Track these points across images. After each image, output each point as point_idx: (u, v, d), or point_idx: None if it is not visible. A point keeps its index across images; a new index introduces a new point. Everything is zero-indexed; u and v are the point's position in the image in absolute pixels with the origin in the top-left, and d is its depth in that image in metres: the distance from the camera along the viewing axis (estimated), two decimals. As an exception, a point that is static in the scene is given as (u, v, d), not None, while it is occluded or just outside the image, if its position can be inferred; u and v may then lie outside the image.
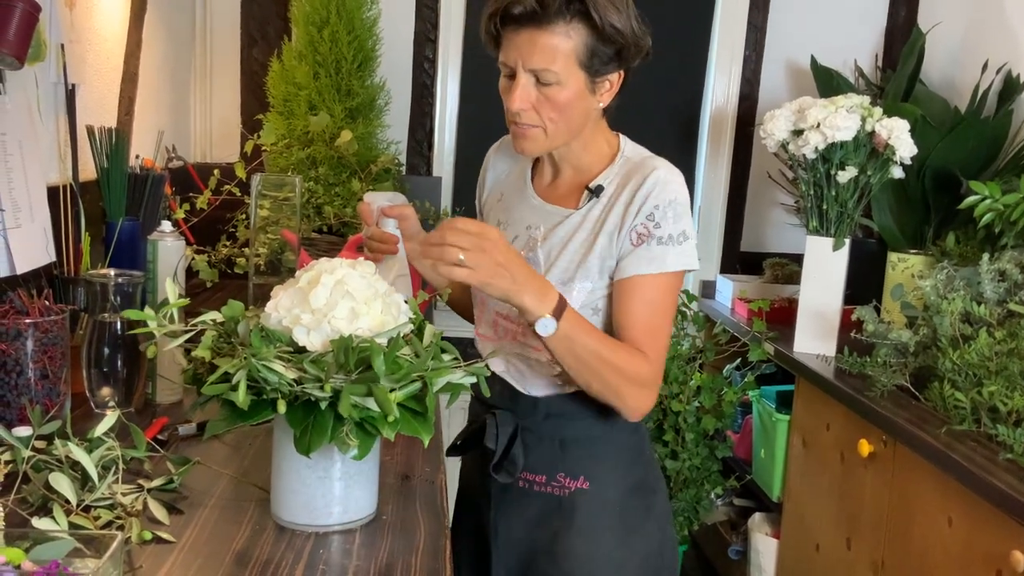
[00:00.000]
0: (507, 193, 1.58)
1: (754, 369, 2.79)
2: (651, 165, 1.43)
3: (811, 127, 2.28)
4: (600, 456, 1.49)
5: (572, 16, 1.32)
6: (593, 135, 1.47)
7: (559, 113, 1.38)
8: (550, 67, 1.33)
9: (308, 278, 1.15)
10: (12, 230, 1.66)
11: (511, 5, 1.32)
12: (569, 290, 1.42)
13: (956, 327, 1.96)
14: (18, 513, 1.15)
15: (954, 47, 2.95)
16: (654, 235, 1.38)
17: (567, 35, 1.33)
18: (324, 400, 1.08)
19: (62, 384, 1.46)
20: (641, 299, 1.39)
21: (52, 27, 1.87)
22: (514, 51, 1.35)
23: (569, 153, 1.48)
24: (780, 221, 3.33)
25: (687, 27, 3.17)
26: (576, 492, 1.48)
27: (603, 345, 1.36)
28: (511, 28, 1.35)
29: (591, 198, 1.44)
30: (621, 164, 1.47)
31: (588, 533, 1.47)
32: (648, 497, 1.54)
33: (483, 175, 1.66)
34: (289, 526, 1.18)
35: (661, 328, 1.41)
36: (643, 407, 1.40)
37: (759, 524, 2.69)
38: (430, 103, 3.16)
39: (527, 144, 1.42)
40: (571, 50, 1.34)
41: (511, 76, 1.37)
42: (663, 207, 1.38)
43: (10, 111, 1.68)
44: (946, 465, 1.74)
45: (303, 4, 2.76)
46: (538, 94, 1.36)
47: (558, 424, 1.48)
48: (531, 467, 1.49)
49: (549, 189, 1.52)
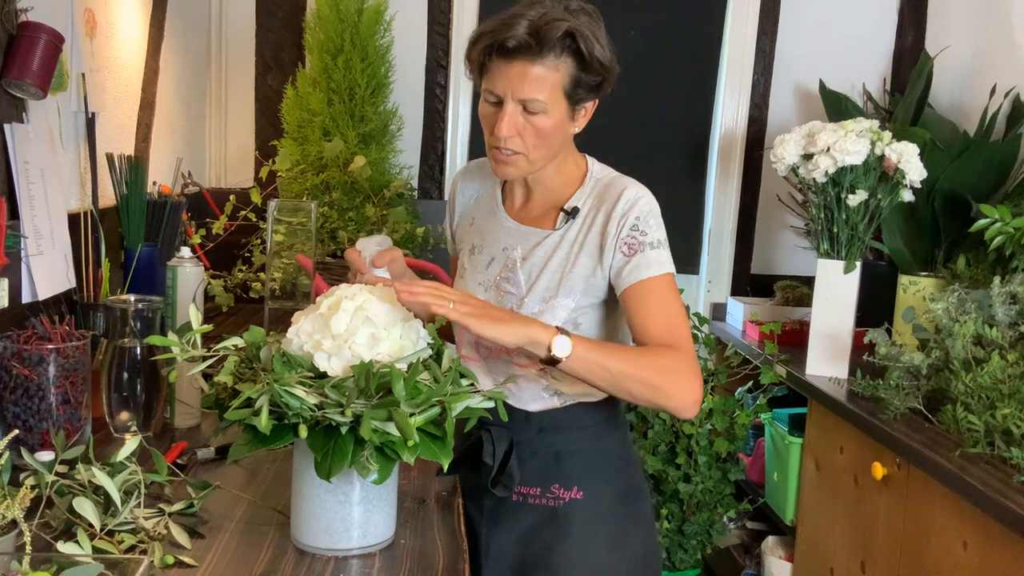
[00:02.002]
0: (478, 217, 1.62)
1: (766, 392, 2.79)
2: (621, 184, 1.50)
3: (821, 151, 2.30)
4: (593, 466, 1.54)
5: (563, 51, 1.38)
6: (564, 158, 1.53)
7: (542, 140, 1.43)
8: (538, 97, 1.39)
9: (329, 304, 1.17)
10: (34, 257, 1.68)
11: (507, 39, 1.36)
12: (552, 307, 1.47)
13: (968, 350, 1.96)
14: (42, 537, 1.16)
15: (962, 71, 2.97)
16: (644, 243, 1.45)
17: (556, 68, 1.39)
18: (345, 425, 1.09)
19: (83, 409, 1.48)
20: (654, 300, 1.44)
21: (74, 57, 1.91)
22: (503, 81, 1.39)
23: (543, 175, 1.52)
24: (790, 244, 3.34)
25: (696, 52, 3.19)
26: (570, 502, 1.52)
27: (624, 350, 1.40)
28: (502, 59, 1.39)
29: (567, 219, 1.50)
30: (592, 185, 1.52)
31: (583, 541, 1.51)
32: (637, 502, 1.59)
33: (451, 202, 1.69)
34: (309, 550, 1.19)
35: (680, 322, 1.45)
36: (691, 397, 1.38)
37: (772, 547, 2.69)
38: (442, 128, 3.19)
39: (509, 170, 1.47)
40: (557, 82, 1.40)
41: (497, 104, 1.42)
42: (644, 217, 1.45)
43: (33, 140, 1.70)
44: (961, 488, 1.74)
45: (317, 32, 2.81)
46: (524, 121, 1.41)
47: (552, 438, 1.52)
48: (526, 480, 1.52)
49: (522, 211, 1.57)
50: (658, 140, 3.18)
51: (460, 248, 1.64)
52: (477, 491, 1.55)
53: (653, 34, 3.12)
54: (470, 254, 1.59)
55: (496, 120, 1.41)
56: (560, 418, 1.52)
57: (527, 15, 1.37)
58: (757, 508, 2.80)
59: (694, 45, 3.19)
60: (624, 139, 3.10)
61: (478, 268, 1.56)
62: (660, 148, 3.18)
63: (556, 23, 1.36)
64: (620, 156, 1.61)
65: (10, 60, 1.61)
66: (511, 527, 1.54)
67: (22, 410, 1.42)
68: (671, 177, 3.21)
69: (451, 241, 1.70)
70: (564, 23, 1.36)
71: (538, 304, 1.48)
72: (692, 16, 3.17)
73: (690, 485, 2.77)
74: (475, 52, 1.42)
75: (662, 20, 3.13)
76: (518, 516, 1.54)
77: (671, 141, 3.24)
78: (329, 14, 2.77)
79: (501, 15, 1.39)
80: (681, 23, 3.14)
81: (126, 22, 2.26)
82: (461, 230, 1.65)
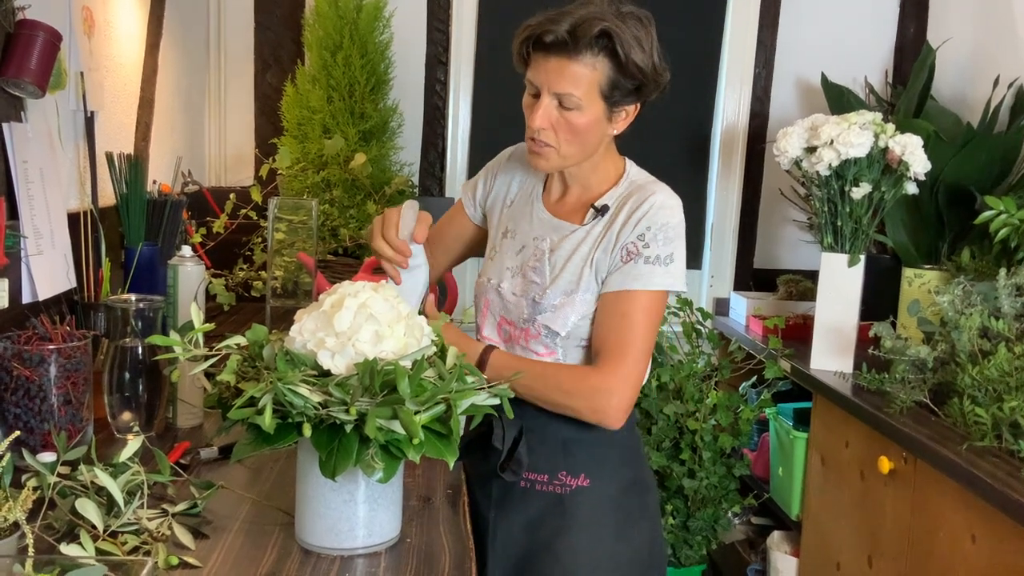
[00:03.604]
0: (516, 203, 1.65)
1: (770, 386, 2.78)
2: (652, 189, 1.52)
3: (824, 144, 2.28)
4: (601, 455, 1.56)
5: (599, 50, 1.41)
6: (603, 158, 1.56)
7: (575, 136, 1.47)
8: (573, 92, 1.42)
9: (332, 302, 1.16)
10: (34, 257, 1.67)
11: (545, 33, 1.40)
12: (572, 300, 1.50)
13: (975, 342, 1.95)
14: (44, 539, 1.15)
15: (965, 63, 2.96)
16: (642, 254, 1.47)
17: (593, 67, 1.42)
18: (349, 423, 1.08)
19: (85, 410, 1.47)
20: (618, 312, 1.47)
21: (72, 55, 1.90)
22: (542, 74, 1.44)
23: (579, 173, 1.56)
24: (792, 238, 3.33)
25: (697, 45, 3.18)
26: (577, 490, 1.54)
27: (541, 372, 1.48)
28: (542, 53, 1.43)
29: (596, 216, 1.53)
30: (626, 186, 1.55)
31: (588, 529, 1.54)
32: (643, 495, 1.61)
33: (492, 170, 1.71)
34: (314, 550, 1.18)
35: (633, 343, 1.47)
36: (603, 413, 1.45)
37: (778, 543, 2.68)
38: (442, 125, 3.18)
39: (540, 161, 1.51)
40: (594, 80, 1.43)
41: (536, 95, 1.46)
42: (654, 229, 1.47)
43: (31, 139, 1.69)
44: (968, 481, 1.73)
45: (316, 29, 2.79)
46: (559, 116, 1.45)
47: (561, 425, 1.53)
48: (533, 467, 1.54)
49: (557, 205, 1.60)
50: (659, 134, 3.16)
51: (494, 229, 1.67)
52: (485, 477, 1.57)
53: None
54: (503, 237, 1.63)
55: (534, 111, 1.45)
56: None
57: (574, 13, 1.41)
58: (762, 503, 2.79)
59: (695, 39, 3.18)
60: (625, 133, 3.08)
61: (508, 253, 1.60)
62: (661, 142, 3.16)
63: (594, 22, 1.39)
64: (621, 150, 1.60)
65: (8, 58, 1.60)
66: (518, 513, 1.57)
67: (23, 411, 1.41)
68: (673, 171, 3.13)
69: (471, 198, 1.72)
70: (602, 23, 1.39)
71: (559, 297, 1.51)
72: (693, 9, 3.16)
73: (695, 481, 2.76)
74: (517, 43, 1.47)
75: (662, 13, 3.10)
76: (525, 502, 1.56)
77: (672, 135, 3.22)
78: (328, 11, 2.76)
79: (552, 11, 1.43)
80: (682, 16, 3.13)
81: (124, 20, 2.25)
82: (493, 203, 1.68)
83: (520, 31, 1.46)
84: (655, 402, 2.77)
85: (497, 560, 1.57)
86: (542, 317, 1.52)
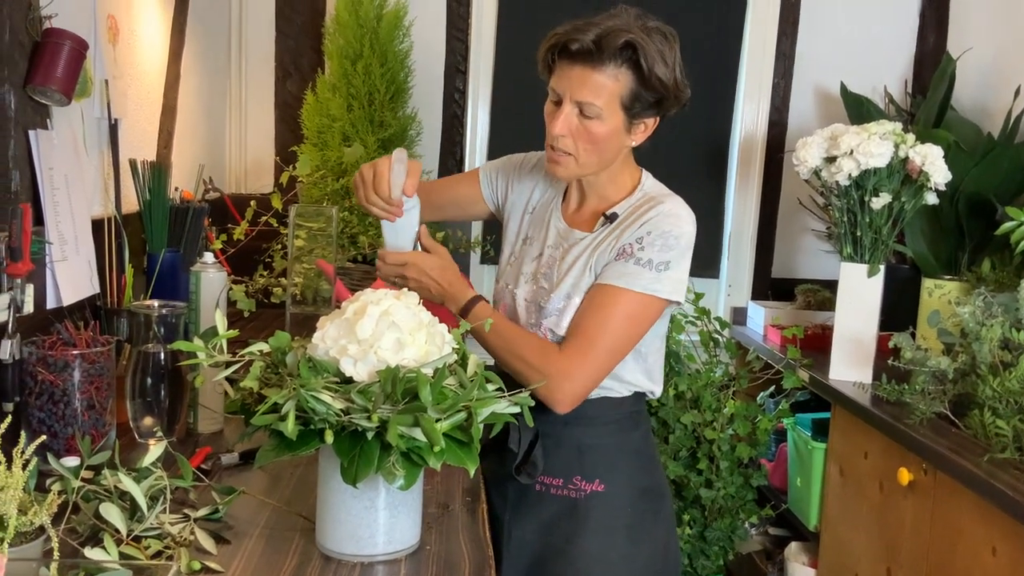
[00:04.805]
0: (537, 211, 1.68)
1: (788, 396, 2.77)
2: (662, 199, 1.53)
3: (844, 154, 2.28)
4: (615, 461, 1.57)
5: (623, 62, 1.43)
6: (621, 169, 1.57)
7: (593, 145, 1.48)
8: (595, 102, 1.43)
9: (354, 309, 1.17)
10: (58, 263, 1.69)
11: (570, 41, 1.42)
12: (572, 304, 1.52)
13: (995, 354, 1.94)
14: (68, 543, 1.16)
15: (985, 72, 2.94)
16: (635, 255, 1.48)
17: (615, 77, 1.43)
18: (371, 430, 1.09)
19: (108, 414, 1.48)
20: (596, 303, 1.49)
21: (97, 63, 1.92)
22: (565, 81, 1.45)
23: (596, 183, 1.58)
24: (811, 247, 3.32)
25: (716, 56, 3.18)
26: (591, 495, 1.56)
27: (516, 337, 1.49)
28: (566, 61, 1.45)
29: (605, 223, 1.55)
30: (639, 197, 1.56)
31: (601, 534, 1.55)
32: (657, 501, 1.62)
33: (518, 171, 1.72)
34: (335, 556, 1.19)
35: (602, 337, 1.47)
36: (553, 397, 1.46)
37: (796, 554, 2.66)
38: (460, 133, 3.19)
39: (559, 169, 1.52)
40: (616, 91, 1.44)
41: (558, 103, 1.47)
42: (654, 234, 1.48)
43: (57, 146, 1.71)
44: (989, 494, 1.72)
45: (336, 38, 2.81)
46: (579, 124, 1.46)
47: (576, 430, 1.55)
48: (549, 471, 1.56)
49: (574, 215, 1.62)
50: (678, 143, 3.16)
51: (513, 234, 1.69)
52: (502, 479, 1.59)
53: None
54: (523, 244, 1.66)
55: (554, 118, 1.46)
56: (585, 411, 1.54)
57: (601, 24, 1.42)
58: (780, 514, 2.77)
59: (713, 48, 3.18)
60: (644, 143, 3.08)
61: (526, 259, 1.63)
62: (680, 152, 3.17)
63: (620, 33, 1.41)
64: (639, 160, 1.61)
65: (35, 67, 1.62)
66: (533, 517, 1.58)
67: (47, 415, 1.43)
68: (691, 181, 3.18)
69: (490, 180, 1.74)
70: (627, 35, 1.41)
71: (562, 300, 1.53)
72: (711, 19, 3.16)
73: (712, 491, 2.75)
74: (543, 50, 1.49)
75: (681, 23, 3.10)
76: (540, 506, 1.58)
77: (691, 144, 3.22)
78: (348, 20, 2.78)
79: (579, 20, 1.45)
80: (700, 27, 3.13)
81: (148, 28, 2.27)
82: (515, 211, 1.70)
83: (547, 39, 1.48)
84: (672, 411, 2.77)
85: (511, 562, 1.59)
86: (547, 321, 1.54)
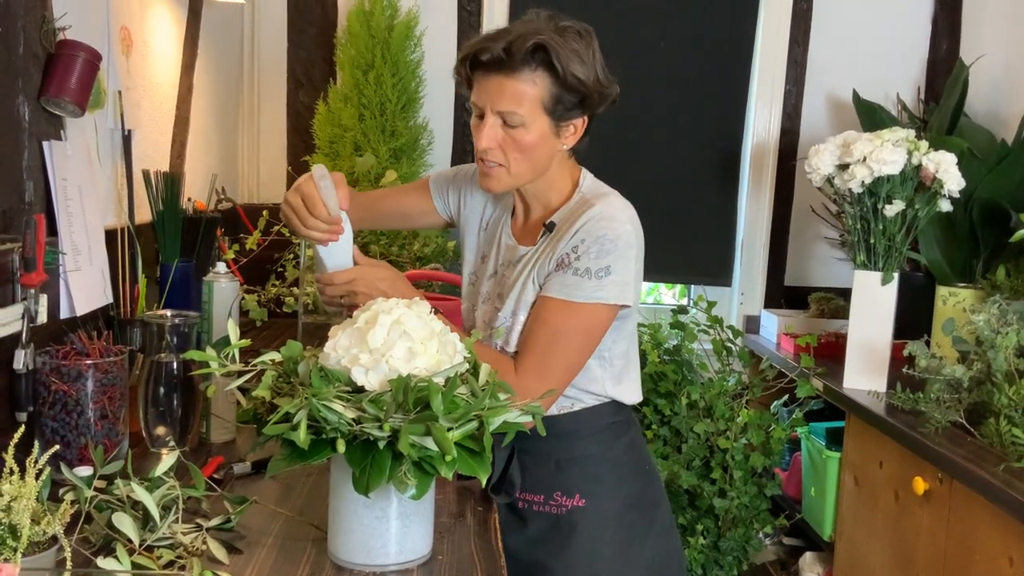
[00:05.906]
0: (490, 227, 1.65)
1: (802, 405, 2.76)
2: (595, 201, 1.49)
3: (857, 161, 2.27)
4: (596, 474, 1.55)
5: (537, 65, 1.40)
6: (558, 175, 1.54)
7: (523, 153, 1.45)
8: (516, 110, 1.41)
9: (366, 318, 1.17)
10: (72, 273, 1.69)
11: (480, 52, 1.40)
12: (517, 320, 1.50)
13: (1011, 362, 1.92)
14: (81, 553, 1.16)
15: (998, 79, 2.93)
16: (572, 265, 1.45)
17: (532, 82, 1.41)
18: (382, 440, 1.09)
19: (121, 424, 1.48)
20: (541, 320, 1.46)
21: (110, 75, 1.93)
22: (484, 94, 1.43)
23: (535, 191, 1.55)
24: (824, 255, 3.30)
25: (728, 63, 3.17)
26: (572, 510, 1.54)
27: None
28: (481, 73, 1.43)
29: (545, 234, 1.52)
30: (576, 200, 1.53)
31: (587, 549, 1.53)
32: (649, 512, 1.59)
33: (469, 184, 1.69)
34: (347, 566, 1.19)
35: (553, 354, 1.45)
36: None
37: (810, 564, 2.64)
38: (471, 142, 3.19)
39: (492, 182, 1.49)
40: (536, 96, 1.41)
41: (481, 116, 1.45)
42: (588, 241, 1.44)
43: (71, 157, 1.72)
44: (1005, 503, 1.70)
45: (348, 48, 2.82)
46: (504, 134, 1.44)
47: (554, 445, 1.52)
48: (529, 487, 1.54)
49: (522, 229, 1.59)
50: (690, 151, 3.15)
51: (472, 253, 1.66)
52: (486, 496, 1.57)
53: (683, 45, 3.11)
54: (481, 262, 1.64)
55: (479, 131, 1.44)
56: (563, 425, 1.53)
57: (512, 31, 1.40)
58: (794, 524, 2.76)
59: (725, 56, 3.17)
60: (656, 151, 3.08)
61: (483, 279, 1.62)
62: (692, 159, 3.16)
63: (528, 36, 1.38)
64: (652, 168, 1.60)
65: (49, 78, 1.63)
66: (517, 533, 1.57)
67: (60, 425, 1.43)
68: (703, 188, 3.18)
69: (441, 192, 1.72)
70: (537, 37, 1.38)
71: (508, 317, 1.52)
72: (723, 27, 3.15)
73: (725, 500, 2.73)
74: (457, 66, 1.47)
75: (692, 31, 3.12)
76: (525, 523, 1.57)
77: (703, 152, 3.21)
78: (360, 30, 2.79)
79: (491, 31, 1.44)
80: (712, 34, 3.13)
81: (161, 40, 2.28)
82: (470, 227, 1.67)
83: (460, 52, 1.47)
84: (685, 420, 2.76)
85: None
86: (499, 340, 1.52)
